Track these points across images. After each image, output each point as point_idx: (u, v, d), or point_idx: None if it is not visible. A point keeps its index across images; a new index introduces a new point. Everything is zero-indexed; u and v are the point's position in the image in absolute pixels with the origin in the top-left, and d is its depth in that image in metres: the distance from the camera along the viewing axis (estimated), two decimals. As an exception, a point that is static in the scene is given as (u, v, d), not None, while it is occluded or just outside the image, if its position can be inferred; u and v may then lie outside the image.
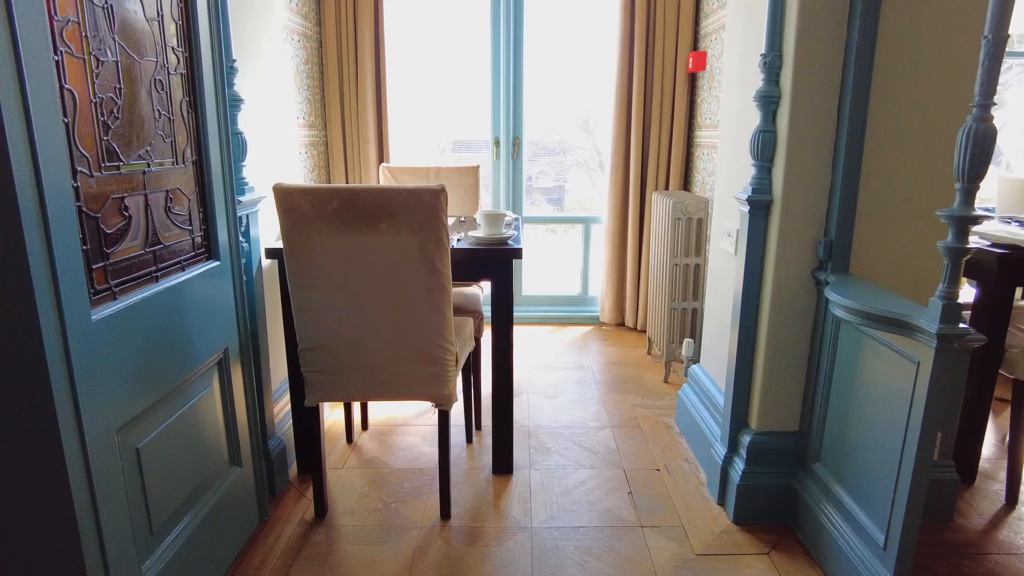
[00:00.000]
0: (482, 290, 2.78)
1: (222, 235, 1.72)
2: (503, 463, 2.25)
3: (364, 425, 2.59)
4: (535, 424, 2.63)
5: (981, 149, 1.24)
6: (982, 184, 1.26)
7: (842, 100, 1.72)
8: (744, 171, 1.99)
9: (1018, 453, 2.10)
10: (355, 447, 2.44)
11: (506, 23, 3.62)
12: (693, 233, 2.90)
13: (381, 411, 2.73)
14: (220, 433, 1.74)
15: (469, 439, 2.49)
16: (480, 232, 2.12)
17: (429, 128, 4.29)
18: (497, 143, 3.80)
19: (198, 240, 1.63)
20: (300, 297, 1.79)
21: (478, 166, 3.00)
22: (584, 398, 2.89)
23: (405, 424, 2.63)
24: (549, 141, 4.66)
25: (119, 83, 1.29)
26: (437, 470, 2.21)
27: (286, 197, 1.68)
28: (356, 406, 2.57)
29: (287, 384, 2.45)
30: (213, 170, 1.67)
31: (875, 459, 1.56)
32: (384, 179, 3.02)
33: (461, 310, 2.44)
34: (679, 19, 3.38)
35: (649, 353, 3.46)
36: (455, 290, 2.63)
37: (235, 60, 1.92)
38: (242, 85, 2.06)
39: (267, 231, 2.27)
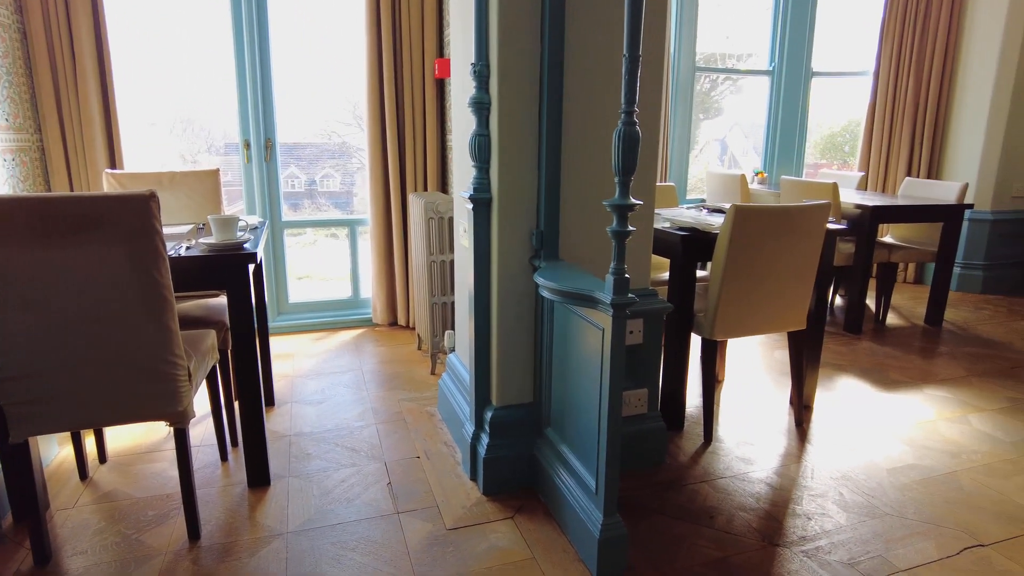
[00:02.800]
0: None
1: None
2: (258, 475, 2.19)
3: (102, 458, 2.35)
4: (298, 432, 2.59)
5: (629, 148, 1.50)
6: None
7: (541, 107, 1.95)
8: (471, 172, 2.16)
9: (711, 399, 2.54)
10: (90, 483, 2.22)
11: (248, 23, 3.48)
12: (445, 231, 3.05)
13: (122, 440, 2.50)
14: None
15: (224, 456, 2.39)
16: (212, 238, 2.05)
17: (183, 131, 3.97)
18: (247, 145, 3.65)
19: None
20: (-12, 322, 1.59)
21: (217, 170, 2.87)
22: (351, 400, 2.91)
23: (152, 450, 2.44)
24: (331, 144, 4.57)
25: None
26: (185, 493, 2.09)
27: (-44, 210, 1.48)
28: (91, 439, 2.33)
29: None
30: None
31: (585, 416, 1.81)
32: (108, 187, 2.76)
33: (203, 322, 2.32)
34: (424, 27, 3.53)
35: (420, 349, 3.57)
36: (197, 302, 2.50)
37: None
38: None
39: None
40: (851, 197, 4.13)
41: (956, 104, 5.05)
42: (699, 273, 2.59)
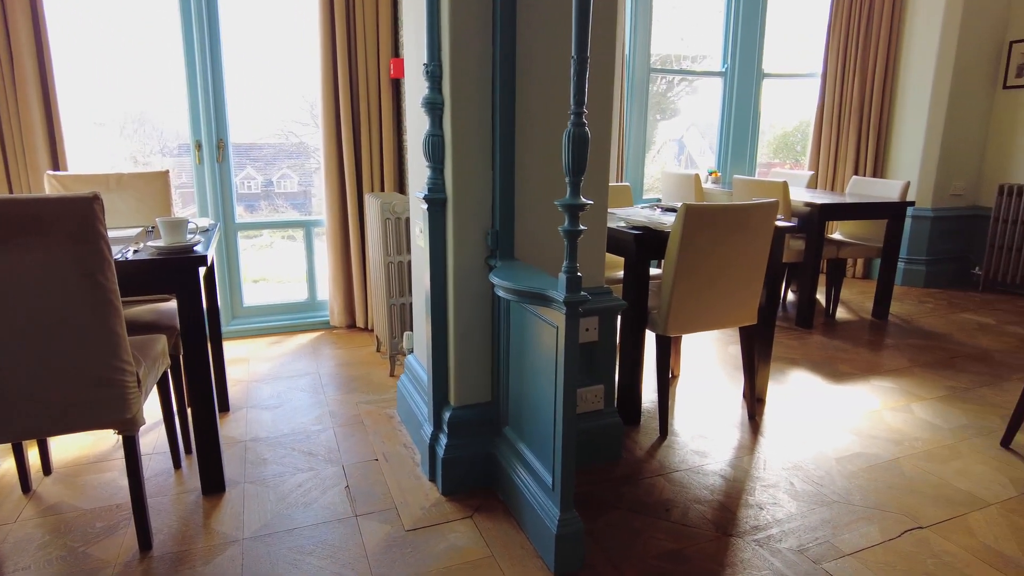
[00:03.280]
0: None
1: None
2: (213, 482, 2.15)
3: (46, 469, 2.27)
4: (253, 437, 2.55)
5: (579, 149, 1.53)
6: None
7: (495, 107, 1.97)
8: (426, 172, 2.16)
9: (666, 394, 2.59)
10: (34, 495, 2.14)
11: (199, 20, 3.41)
12: (402, 232, 3.04)
13: (68, 450, 2.43)
14: None
15: (177, 464, 2.33)
16: (160, 241, 2.00)
17: (134, 131, 3.86)
18: (199, 146, 3.57)
19: None
20: (-80, 331, 1.53)
21: (167, 171, 2.81)
22: (309, 404, 2.87)
23: (100, 460, 2.37)
24: (288, 144, 4.49)
25: None
26: (136, 502, 2.04)
27: None
28: (34, 450, 2.25)
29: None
30: None
31: (541, 414, 1.83)
32: (51, 189, 2.67)
33: (154, 326, 2.27)
34: (379, 26, 3.51)
35: (378, 351, 3.55)
36: (148, 306, 2.44)
37: None
38: None
39: None
40: (801, 195, 4.25)
41: (898, 105, 5.24)
42: (653, 271, 2.64)
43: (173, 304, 2.50)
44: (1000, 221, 4.92)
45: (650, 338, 2.75)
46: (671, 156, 6.04)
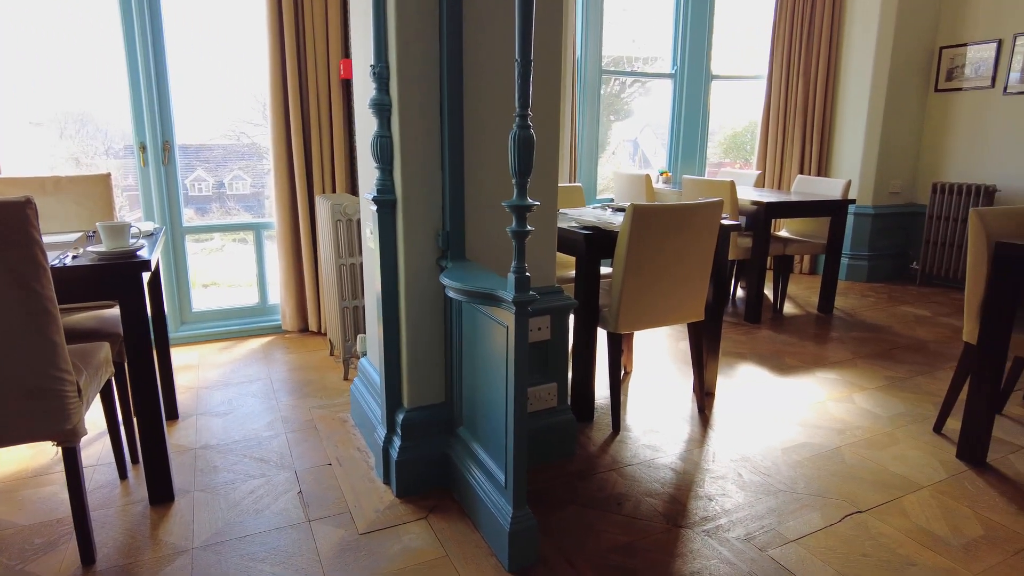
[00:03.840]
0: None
1: None
2: (161, 491, 2.10)
3: (-18, 485, 2.19)
4: (203, 445, 2.50)
5: (525, 151, 1.55)
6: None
7: (443, 109, 1.97)
8: (375, 173, 2.15)
9: (618, 390, 2.63)
10: (-32, 513, 2.06)
11: (140, 18, 3.31)
12: (354, 233, 3.02)
13: (5, 464, 2.34)
14: None
15: (123, 474, 2.27)
16: (102, 246, 1.95)
17: (76, 132, 3.73)
18: (143, 148, 3.48)
19: None
20: None
21: (108, 174, 2.72)
22: (260, 410, 2.83)
23: (40, 474, 2.29)
24: (240, 145, 4.39)
25: None
26: (78, 515, 1.98)
27: None
28: (-33, 464, 2.16)
29: None
30: None
31: (494, 413, 1.84)
32: (-16, 194, 2.57)
33: (96, 334, 2.21)
34: (328, 26, 3.47)
35: (332, 354, 3.51)
36: (90, 313, 2.37)
37: None
38: None
39: None
40: (748, 194, 4.37)
41: (839, 107, 5.43)
42: (604, 270, 2.68)
43: (116, 310, 2.43)
44: (934, 218, 5.15)
45: (602, 335, 2.80)
46: (626, 156, 6.13)
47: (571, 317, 2.54)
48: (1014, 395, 3.02)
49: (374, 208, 2.03)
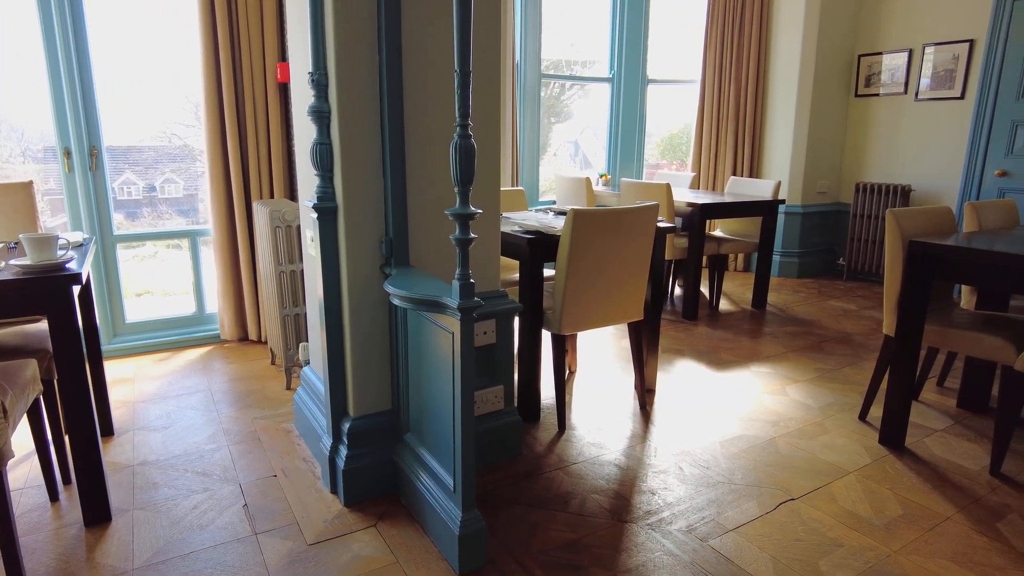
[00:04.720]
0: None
1: None
2: (96, 512, 2.03)
3: None
4: (141, 461, 2.42)
5: (466, 160, 1.57)
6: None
7: (383, 116, 1.98)
8: (315, 180, 2.13)
9: (563, 390, 2.69)
10: None
11: (60, 15, 3.17)
12: (294, 240, 2.98)
13: (-76, 491, 2.21)
14: None
15: (54, 496, 2.18)
16: (26, 259, 1.87)
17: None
18: (68, 154, 3.33)
19: None
20: None
21: (31, 182, 2.60)
22: (201, 422, 2.76)
23: (-38, 498, 2.17)
24: (172, 147, 4.24)
25: None
26: (6, 541, 1.89)
27: None
28: None
29: None
30: None
31: (441, 418, 1.86)
32: None
33: (21, 351, 2.11)
34: (264, 28, 3.41)
35: (273, 363, 3.45)
36: (13, 329, 2.27)
37: None
38: None
39: None
40: (684, 196, 4.51)
41: (769, 111, 5.66)
42: (547, 272, 2.73)
43: (43, 325, 2.33)
44: (857, 216, 5.44)
45: (547, 337, 2.85)
46: (568, 157, 6.23)
47: (516, 320, 2.58)
48: (928, 382, 3.22)
49: (315, 215, 2.01)
